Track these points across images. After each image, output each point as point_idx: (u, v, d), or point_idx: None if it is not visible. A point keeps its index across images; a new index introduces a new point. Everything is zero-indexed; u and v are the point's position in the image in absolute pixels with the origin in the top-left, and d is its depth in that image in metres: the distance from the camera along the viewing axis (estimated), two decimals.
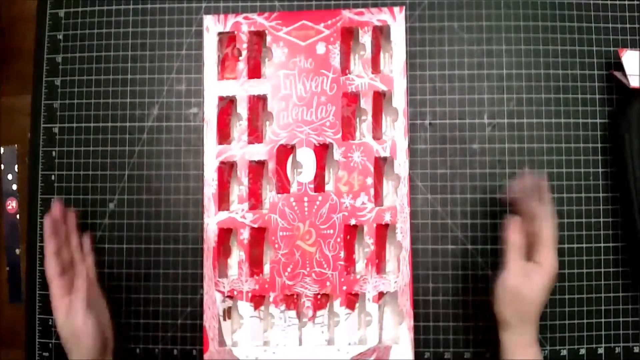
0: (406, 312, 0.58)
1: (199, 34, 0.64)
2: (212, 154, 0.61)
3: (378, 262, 0.59)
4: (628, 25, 0.63)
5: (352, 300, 0.59)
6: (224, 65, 0.63)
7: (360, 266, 0.61)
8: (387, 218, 0.58)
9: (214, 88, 0.61)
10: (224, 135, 0.62)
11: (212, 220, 0.60)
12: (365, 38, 0.60)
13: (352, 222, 0.59)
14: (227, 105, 0.62)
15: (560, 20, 0.63)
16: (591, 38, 0.63)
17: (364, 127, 0.60)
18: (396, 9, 0.60)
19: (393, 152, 0.59)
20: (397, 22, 0.60)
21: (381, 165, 0.61)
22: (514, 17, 0.63)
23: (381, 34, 0.62)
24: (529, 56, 0.63)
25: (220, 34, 0.62)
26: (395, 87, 0.60)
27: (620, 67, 0.60)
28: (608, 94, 0.62)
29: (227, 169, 0.61)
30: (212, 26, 0.62)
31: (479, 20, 0.63)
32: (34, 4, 0.67)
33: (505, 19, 0.63)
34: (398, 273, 0.58)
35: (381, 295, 0.59)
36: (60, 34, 0.66)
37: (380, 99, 0.61)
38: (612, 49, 0.62)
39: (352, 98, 0.61)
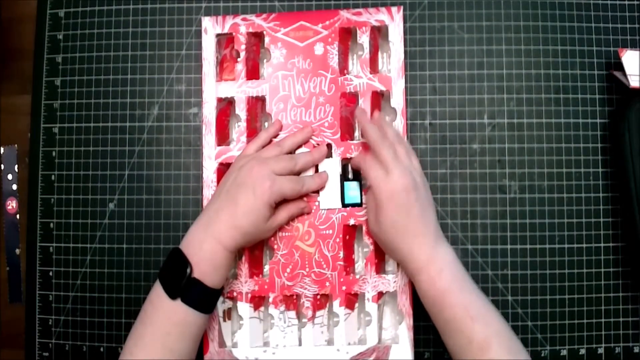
0: (406, 312, 0.58)
1: (199, 34, 0.64)
2: (211, 156, 0.61)
3: (377, 262, 0.59)
4: (628, 25, 0.62)
5: (352, 300, 0.59)
6: (223, 66, 0.63)
7: (359, 266, 0.61)
8: None
9: (212, 90, 0.61)
10: (222, 137, 0.62)
11: None
12: (364, 38, 0.60)
13: (351, 222, 0.59)
14: (225, 106, 0.62)
15: (560, 20, 0.63)
16: (591, 38, 0.62)
17: None
18: (394, 9, 0.60)
19: None
20: (394, 21, 0.60)
21: None
22: (514, 17, 0.63)
23: (379, 34, 0.62)
24: (529, 56, 0.63)
25: (218, 35, 0.62)
26: (394, 87, 0.60)
27: (620, 67, 0.59)
28: (608, 94, 0.62)
29: (226, 171, 0.61)
30: (210, 28, 0.62)
31: (479, 20, 0.63)
32: (34, 4, 0.67)
33: (505, 19, 0.63)
34: (397, 273, 0.58)
35: (380, 295, 0.59)
36: (60, 34, 0.66)
37: (379, 99, 0.61)
38: (612, 49, 0.62)
39: (351, 98, 0.61)
